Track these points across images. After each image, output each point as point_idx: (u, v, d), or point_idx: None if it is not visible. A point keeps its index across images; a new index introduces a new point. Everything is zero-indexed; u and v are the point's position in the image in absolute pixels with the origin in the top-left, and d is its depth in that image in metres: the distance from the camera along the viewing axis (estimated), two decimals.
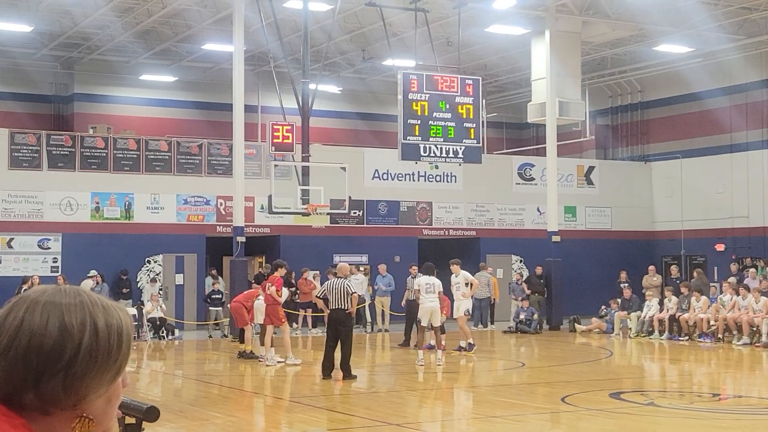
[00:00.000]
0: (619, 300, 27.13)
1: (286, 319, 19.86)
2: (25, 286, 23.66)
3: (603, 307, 27.60)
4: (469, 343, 21.13)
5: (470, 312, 21.78)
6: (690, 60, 31.89)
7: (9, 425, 1.70)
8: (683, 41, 30.23)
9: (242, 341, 20.94)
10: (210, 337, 26.15)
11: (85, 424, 1.78)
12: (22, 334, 1.71)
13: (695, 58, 31.64)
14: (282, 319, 19.31)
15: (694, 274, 28.16)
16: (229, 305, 24.63)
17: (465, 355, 20.68)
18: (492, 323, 28.76)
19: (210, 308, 26.89)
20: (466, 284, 20.98)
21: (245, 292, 21.24)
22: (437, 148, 23.65)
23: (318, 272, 26.75)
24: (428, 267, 19.67)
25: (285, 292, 20.13)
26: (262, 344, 20.10)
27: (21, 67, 32.52)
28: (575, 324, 27.81)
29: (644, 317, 25.98)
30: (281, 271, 19.47)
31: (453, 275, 20.90)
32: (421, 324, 19.51)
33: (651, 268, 29.13)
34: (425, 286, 19.18)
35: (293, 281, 26.47)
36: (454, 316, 21.15)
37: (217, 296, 26.79)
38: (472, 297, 21.99)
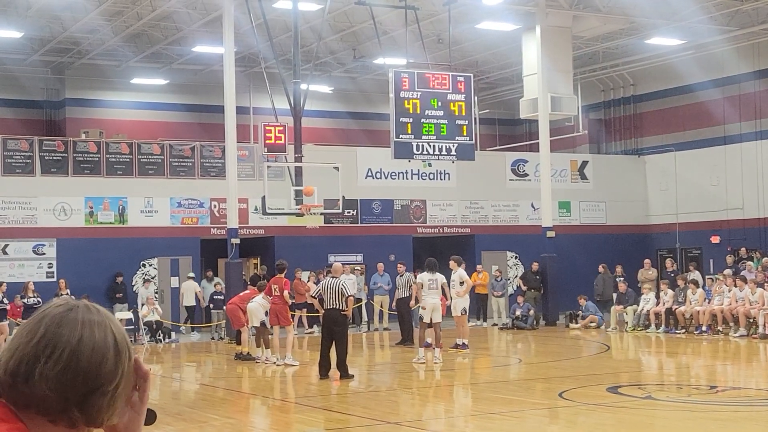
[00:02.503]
0: (585, 296, 27.41)
1: (291, 320, 19.90)
2: None
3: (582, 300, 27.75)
4: (464, 343, 21.08)
5: (467, 311, 21.69)
6: (682, 52, 31.89)
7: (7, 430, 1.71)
8: (674, 34, 30.24)
9: (239, 343, 20.92)
10: (213, 339, 26.08)
11: None
12: (84, 349, 1.75)
13: (687, 50, 31.64)
14: (289, 319, 19.36)
15: (600, 268, 28.48)
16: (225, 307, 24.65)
17: (459, 353, 20.63)
18: (485, 320, 28.86)
19: (212, 310, 26.81)
20: (461, 283, 20.88)
21: (241, 294, 21.22)
22: (430, 145, 23.64)
23: (312, 273, 26.69)
24: (431, 263, 19.59)
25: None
26: (258, 346, 20.09)
27: (12, 73, 32.43)
28: (571, 319, 27.85)
29: (641, 311, 26.02)
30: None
31: (452, 272, 20.76)
32: (423, 320, 19.43)
33: (646, 261, 29.15)
34: (428, 282, 19.13)
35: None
36: (452, 315, 21.09)
37: (219, 297, 26.66)
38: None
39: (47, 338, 1.75)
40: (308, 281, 25.50)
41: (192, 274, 27.29)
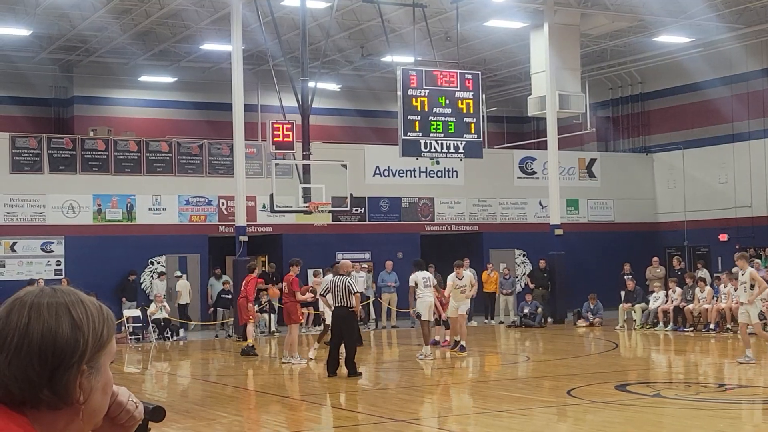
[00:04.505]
0: (595, 295, 27.44)
1: (303, 318, 19.87)
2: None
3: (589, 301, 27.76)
4: (462, 345, 20.78)
5: (469, 312, 21.52)
6: (690, 50, 31.82)
7: (13, 423, 1.75)
8: (683, 32, 30.18)
9: (245, 339, 20.99)
10: (217, 336, 26.17)
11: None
12: (33, 332, 1.76)
13: (695, 48, 31.58)
14: (301, 317, 19.34)
15: (545, 267, 28.83)
16: (234, 304, 24.73)
17: (459, 355, 20.28)
18: (492, 318, 28.91)
19: (218, 309, 26.89)
20: (472, 285, 20.75)
21: (244, 284, 21.10)
22: (438, 143, 23.61)
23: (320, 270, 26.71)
24: (419, 263, 19.96)
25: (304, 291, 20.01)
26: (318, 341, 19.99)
27: (20, 71, 32.49)
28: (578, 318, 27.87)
29: (650, 309, 25.99)
30: (295, 269, 19.40)
31: (455, 276, 20.41)
32: (423, 318, 19.44)
33: (654, 259, 29.11)
34: (423, 280, 19.23)
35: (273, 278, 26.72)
36: (450, 315, 20.71)
37: (226, 296, 26.74)
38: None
39: None
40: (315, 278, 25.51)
41: (179, 273, 27.25)
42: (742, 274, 17.67)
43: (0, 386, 1.76)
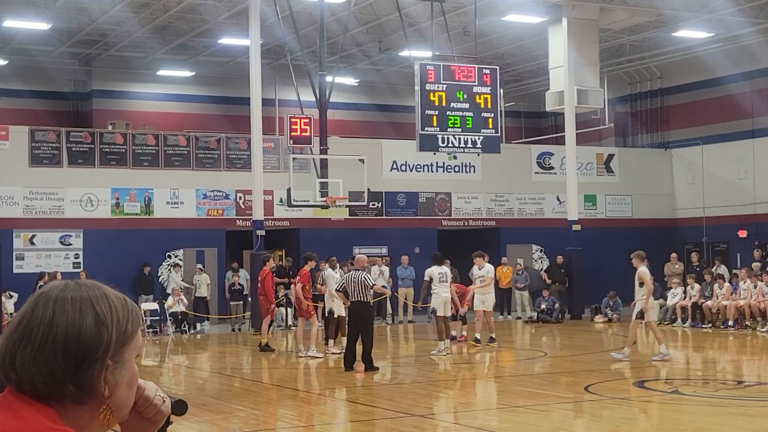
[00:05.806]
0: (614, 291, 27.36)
1: (314, 312, 19.86)
2: (41, 282, 23.79)
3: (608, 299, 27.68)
4: (491, 337, 20.91)
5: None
6: (710, 45, 31.63)
7: (41, 415, 1.77)
8: (702, 26, 30.00)
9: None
10: (232, 330, 26.25)
11: (107, 414, 1.83)
12: (57, 327, 1.77)
13: (715, 42, 31.39)
14: (311, 312, 19.34)
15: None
16: (250, 298, 24.77)
17: (488, 345, 20.49)
18: (509, 314, 28.87)
19: (231, 303, 26.99)
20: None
21: (259, 279, 21.12)
22: (455, 138, 23.58)
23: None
24: (437, 257, 19.83)
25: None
26: (331, 337, 20.03)
27: (39, 64, 32.63)
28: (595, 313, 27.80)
29: (668, 305, 25.89)
30: (311, 264, 19.42)
31: (476, 267, 20.59)
32: (438, 314, 19.43)
33: (673, 255, 29.00)
34: (438, 275, 19.19)
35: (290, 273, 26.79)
36: (475, 309, 20.81)
37: (236, 289, 26.81)
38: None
39: (24, 324, 1.80)
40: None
41: (200, 266, 27.29)
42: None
43: (25, 381, 1.77)
